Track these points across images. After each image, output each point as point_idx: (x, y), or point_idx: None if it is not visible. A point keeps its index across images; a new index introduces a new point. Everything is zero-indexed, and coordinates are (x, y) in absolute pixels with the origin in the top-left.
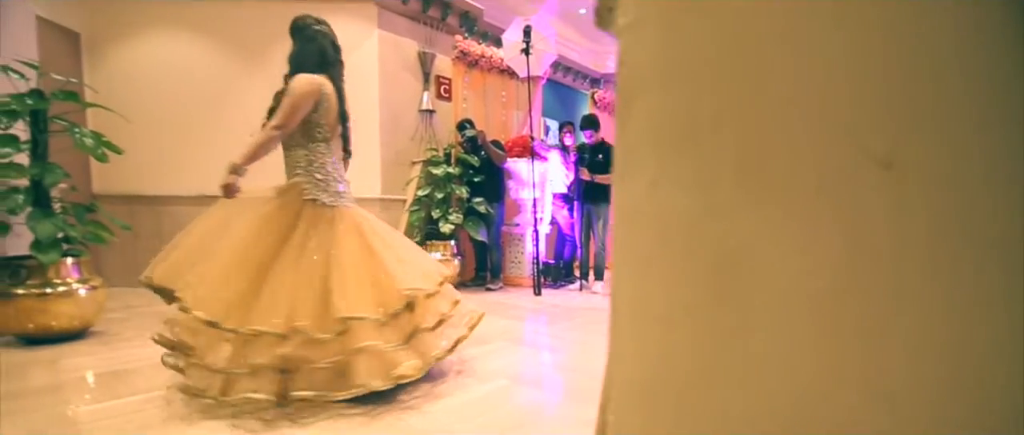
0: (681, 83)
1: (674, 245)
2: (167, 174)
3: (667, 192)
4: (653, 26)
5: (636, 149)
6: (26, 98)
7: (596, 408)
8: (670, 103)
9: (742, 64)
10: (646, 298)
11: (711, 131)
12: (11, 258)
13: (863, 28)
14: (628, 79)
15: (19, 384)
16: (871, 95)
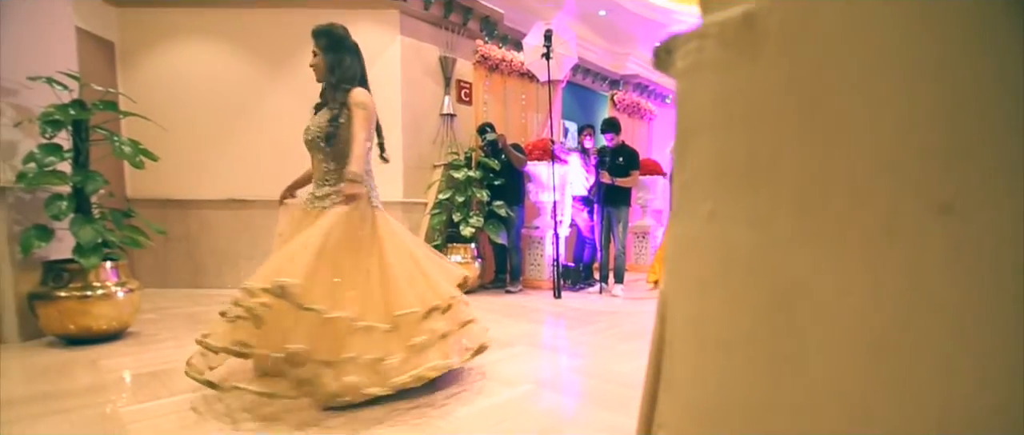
0: (740, 124)
1: (733, 275)
2: (196, 178)
3: (726, 225)
4: (713, 70)
5: (695, 183)
6: (69, 108)
7: (622, 415)
8: (729, 142)
9: (803, 110)
10: (703, 325)
11: (770, 170)
12: (54, 262)
13: (926, 80)
14: (687, 118)
15: (64, 384)
16: (933, 145)
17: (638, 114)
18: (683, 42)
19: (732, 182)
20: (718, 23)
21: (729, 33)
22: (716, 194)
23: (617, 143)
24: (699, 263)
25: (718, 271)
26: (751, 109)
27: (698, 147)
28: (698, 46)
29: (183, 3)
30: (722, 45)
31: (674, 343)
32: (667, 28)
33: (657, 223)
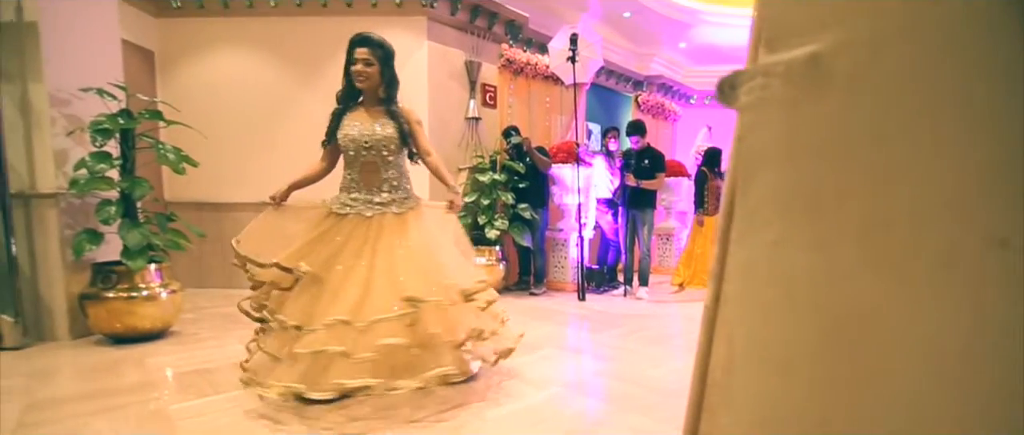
0: (806, 158)
1: (796, 299)
2: (229, 182)
3: (789, 252)
4: (778, 107)
5: (758, 212)
6: (118, 117)
7: (653, 420)
8: (794, 174)
9: (870, 146)
10: (766, 346)
11: (835, 201)
12: (103, 264)
13: (986, 123)
14: (751, 151)
15: (114, 381)
16: (992, 184)
17: (662, 115)
18: (748, 78)
19: (797, 212)
20: (784, 62)
21: (795, 72)
22: (781, 222)
23: (642, 145)
24: (762, 287)
25: (781, 295)
26: (817, 144)
27: (762, 178)
28: (763, 83)
29: (219, 13)
30: (788, 83)
31: (736, 362)
32: (693, 28)
33: (681, 225)
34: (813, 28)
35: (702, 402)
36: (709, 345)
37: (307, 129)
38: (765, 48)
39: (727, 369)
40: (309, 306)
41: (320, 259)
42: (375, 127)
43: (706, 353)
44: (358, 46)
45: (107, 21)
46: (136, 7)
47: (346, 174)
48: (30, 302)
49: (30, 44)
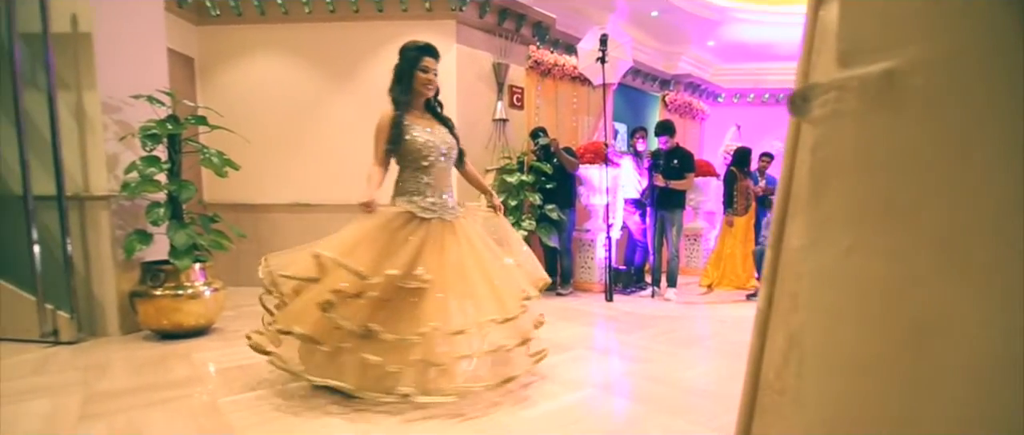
0: (881, 169)
1: (870, 304)
2: (265, 184)
3: (863, 259)
4: (852, 120)
5: (831, 220)
6: (166, 123)
7: (690, 422)
8: (868, 185)
9: (948, 159)
10: (837, 348)
11: (911, 211)
12: (151, 263)
13: None
14: (823, 161)
15: (164, 375)
16: None
17: (690, 114)
18: (821, 92)
19: (871, 220)
20: (858, 77)
21: (870, 87)
22: (854, 231)
23: (671, 145)
24: (835, 292)
25: (854, 300)
26: (891, 156)
27: (835, 187)
28: (837, 96)
29: (256, 20)
30: (862, 97)
31: (806, 365)
32: (722, 26)
33: (710, 226)
34: (887, 46)
35: (755, 404)
36: (762, 348)
37: (338, 132)
38: (838, 63)
39: (797, 372)
40: (414, 311)
41: (426, 265)
42: (445, 133)
43: (759, 356)
44: (430, 56)
45: (154, 30)
46: (178, 16)
47: (417, 178)
48: (84, 299)
49: (84, 54)
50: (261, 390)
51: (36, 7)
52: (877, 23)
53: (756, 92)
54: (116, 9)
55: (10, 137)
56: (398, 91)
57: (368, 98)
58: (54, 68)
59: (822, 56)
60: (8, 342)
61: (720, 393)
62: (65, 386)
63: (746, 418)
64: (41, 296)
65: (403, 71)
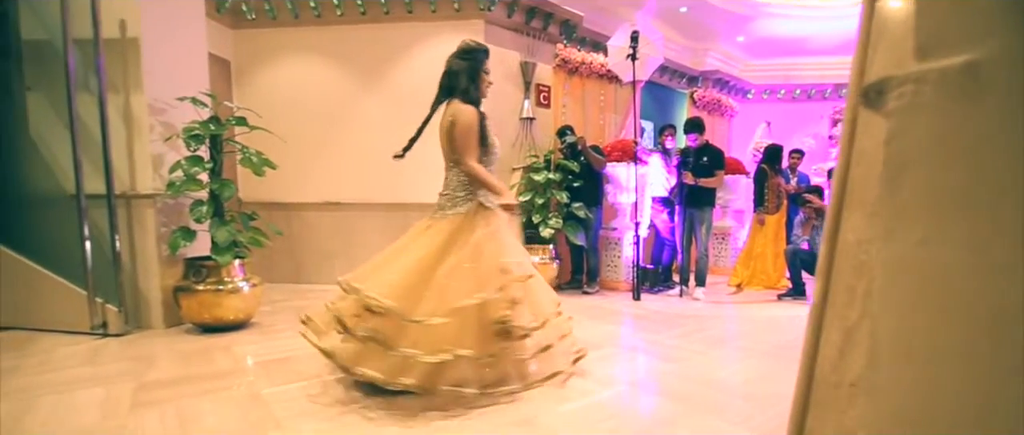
0: (960, 160)
1: (949, 294)
2: (297, 183)
3: (941, 249)
4: (930, 112)
5: (907, 211)
6: (209, 124)
7: (725, 421)
8: (946, 176)
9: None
10: (913, 339)
11: (992, 202)
12: (194, 259)
13: None
14: (899, 153)
15: (208, 366)
16: None
17: (718, 111)
18: (897, 84)
19: (949, 211)
20: (937, 70)
21: (950, 79)
22: (931, 221)
23: (701, 143)
24: (912, 282)
25: (933, 289)
26: (971, 147)
27: (912, 178)
28: (915, 89)
29: (289, 23)
30: (941, 89)
31: (881, 354)
32: (753, 21)
33: (739, 224)
34: (968, 38)
35: (809, 398)
36: (816, 343)
37: (368, 131)
38: (916, 56)
39: (869, 363)
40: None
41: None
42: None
43: (813, 350)
44: (488, 58)
45: (196, 35)
46: (216, 21)
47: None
48: (130, 293)
49: (132, 58)
50: (301, 382)
51: (88, 13)
52: (957, 16)
53: (787, 88)
54: (161, 14)
55: (64, 139)
56: (473, 90)
57: (398, 98)
58: (104, 72)
59: (882, 49)
60: (61, 334)
61: (755, 393)
62: (116, 376)
63: (800, 413)
64: (91, 290)
65: (475, 71)
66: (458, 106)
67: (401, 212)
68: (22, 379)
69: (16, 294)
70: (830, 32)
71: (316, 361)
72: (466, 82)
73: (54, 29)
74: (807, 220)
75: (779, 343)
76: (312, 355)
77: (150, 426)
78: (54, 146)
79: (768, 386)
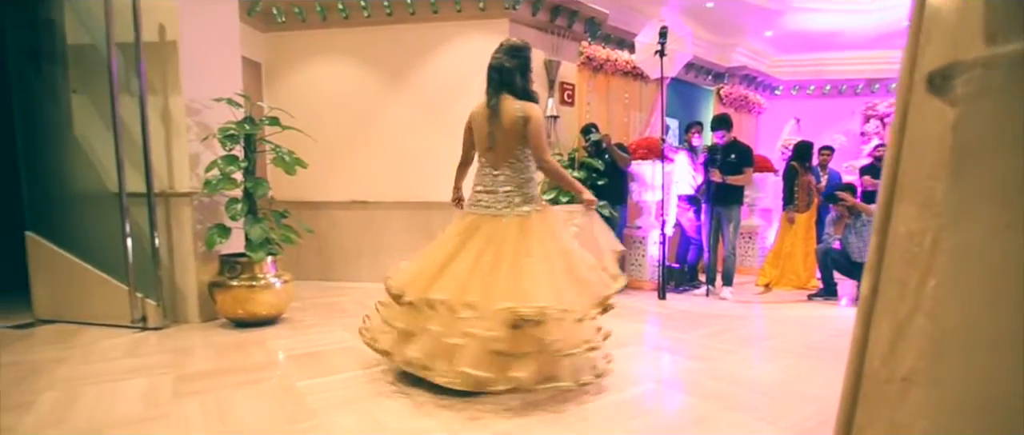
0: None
1: (1017, 282)
2: (325, 182)
3: (1009, 236)
4: (999, 97)
5: (974, 199)
6: (244, 124)
7: (756, 418)
8: (1016, 162)
9: None
10: (980, 327)
11: None
12: (228, 255)
13: None
14: (967, 140)
15: (243, 359)
16: None
17: (745, 108)
18: (965, 70)
19: (1018, 198)
20: (1006, 55)
21: (1021, 63)
22: (1000, 208)
23: (728, 140)
24: (980, 270)
25: (1003, 277)
26: None
27: (979, 166)
28: (983, 74)
29: (317, 25)
30: (1012, 74)
31: (946, 343)
32: (783, 15)
33: (766, 223)
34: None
35: (857, 393)
36: (865, 337)
37: (394, 131)
38: (985, 41)
39: (933, 353)
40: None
41: None
42: None
43: (862, 344)
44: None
45: (231, 39)
46: (248, 24)
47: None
48: (168, 288)
49: (171, 61)
50: (332, 376)
51: (130, 18)
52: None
53: (817, 84)
54: (197, 18)
55: (107, 139)
56: (530, 88)
57: (423, 97)
58: (145, 75)
59: (937, 36)
60: (103, 326)
61: (786, 392)
62: (157, 367)
63: (848, 408)
64: (132, 285)
65: (527, 68)
66: (526, 104)
67: (425, 211)
68: (68, 370)
69: (61, 288)
70: (862, 25)
71: (345, 356)
72: (522, 80)
73: (98, 34)
74: (839, 218)
75: (810, 343)
76: (342, 350)
77: (192, 416)
78: (97, 146)
79: (800, 385)
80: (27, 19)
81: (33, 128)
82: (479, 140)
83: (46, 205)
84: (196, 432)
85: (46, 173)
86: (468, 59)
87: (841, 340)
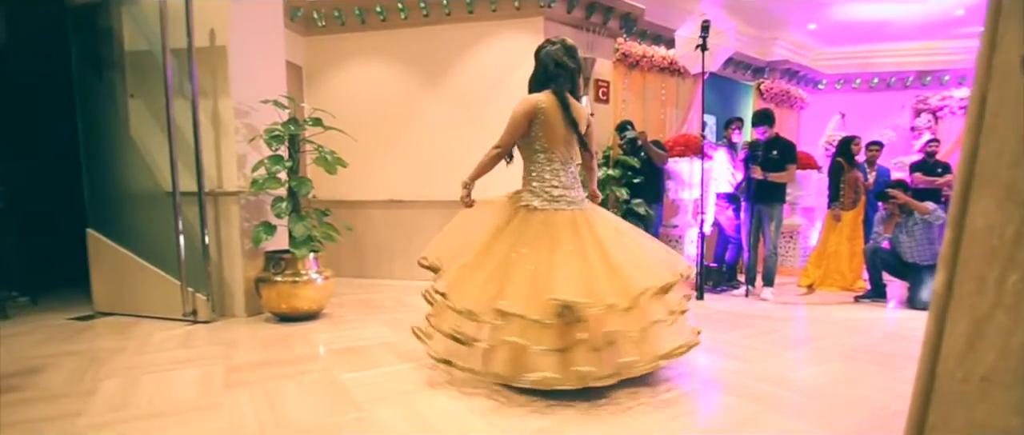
0: None
1: None
2: (361, 182)
3: None
4: None
5: None
6: (289, 125)
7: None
8: None
9: None
10: None
11: None
12: (273, 252)
13: None
14: None
15: (288, 352)
16: None
17: (787, 103)
18: None
19: None
20: None
21: None
22: None
23: (770, 135)
24: None
25: None
26: None
27: None
28: None
29: (355, 28)
30: None
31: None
32: (829, 7)
33: (809, 222)
34: None
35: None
36: (939, 334)
37: (430, 131)
38: None
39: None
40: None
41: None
42: None
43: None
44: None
45: (276, 43)
46: (290, 29)
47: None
48: (216, 284)
49: (220, 65)
50: (372, 370)
51: (183, 24)
52: None
53: (863, 77)
54: (245, 24)
55: (160, 141)
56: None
57: (459, 97)
58: (197, 79)
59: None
60: (156, 319)
61: (836, 396)
62: (208, 358)
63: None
64: (184, 280)
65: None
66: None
67: (458, 210)
68: (127, 359)
69: (118, 282)
70: (913, 15)
71: (386, 350)
72: (571, 83)
73: (153, 40)
74: (889, 217)
75: (859, 346)
76: (381, 345)
77: (242, 405)
78: (152, 147)
79: (850, 389)
80: (90, 28)
81: (94, 131)
82: (557, 134)
83: (105, 203)
84: (247, 421)
85: (105, 173)
86: (503, 58)
87: (892, 343)
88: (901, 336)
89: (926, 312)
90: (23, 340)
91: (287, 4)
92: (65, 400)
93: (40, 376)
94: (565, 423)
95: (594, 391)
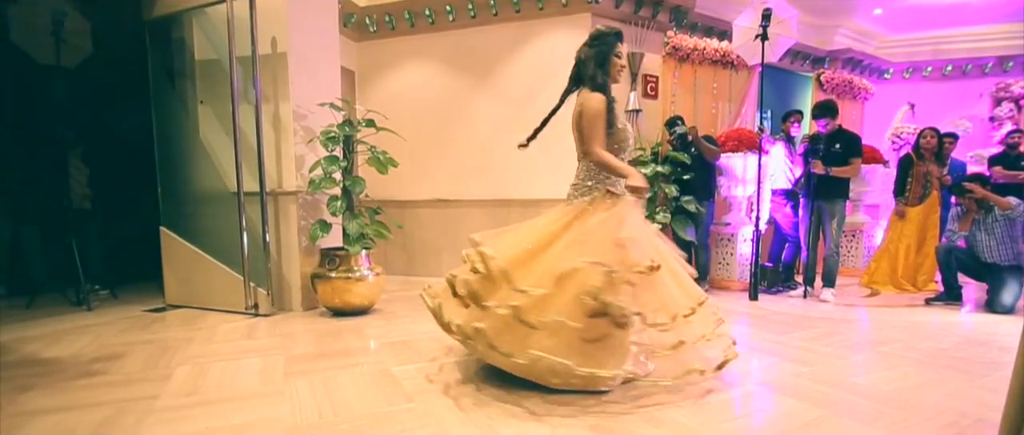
0: None
1: None
2: (409, 182)
3: None
4: None
5: None
6: (344, 127)
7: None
8: None
9: None
10: None
11: None
12: (328, 249)
13: None
14: None
15: (343, 345)
16: None
17: (850, 94)
18: None
19: None
20: None
21: None
22: None
23: (832, 128)
24: None
25: None
26: None
27: None
28: None
29: (405, 32)
30: None
31: None
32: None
33: (873, 220)
34: None
35: None
36: None
37: (478, 131)
38: None
39: None
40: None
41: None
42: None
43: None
44: (621, 42)
45: (332, 49)
46: (344, 34)
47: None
48: (276, 279)
49: (281, 71)
50: (422, 363)
51: (247, 33)
52: None
53: (934, 64)
54: (303, 31)
55: (226, 144)
56: (601, 76)
57: (507, 97)
58: (260, 86)
59: None
60: (221, 312)
61: (907, 401)
62: (269, 350)
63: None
64: (247, 276)
65: (604, 56)
66: (586, 95)
67: (505, 208)
68: (196, 349)
69: (187, 277)
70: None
71: (435, 344)
72: (593, 69)
73: (221, 49)
74: (966, 213)
75: (932, 351)
76: (431, 339)
77: (302, 392)
78: (218, 150)
79: (925, 395)
80: (165, 40)
81: (167, 135)
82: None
83: (176, 203)
84: (306, 407)
85: (176, 174)
86: (551, 56)
87: (970, 349)
88: (979, 342)
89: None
90: (106, 330)
91: (341, 11)
92: (144, 384)
93: (121, 361)
94: (615, 421)
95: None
